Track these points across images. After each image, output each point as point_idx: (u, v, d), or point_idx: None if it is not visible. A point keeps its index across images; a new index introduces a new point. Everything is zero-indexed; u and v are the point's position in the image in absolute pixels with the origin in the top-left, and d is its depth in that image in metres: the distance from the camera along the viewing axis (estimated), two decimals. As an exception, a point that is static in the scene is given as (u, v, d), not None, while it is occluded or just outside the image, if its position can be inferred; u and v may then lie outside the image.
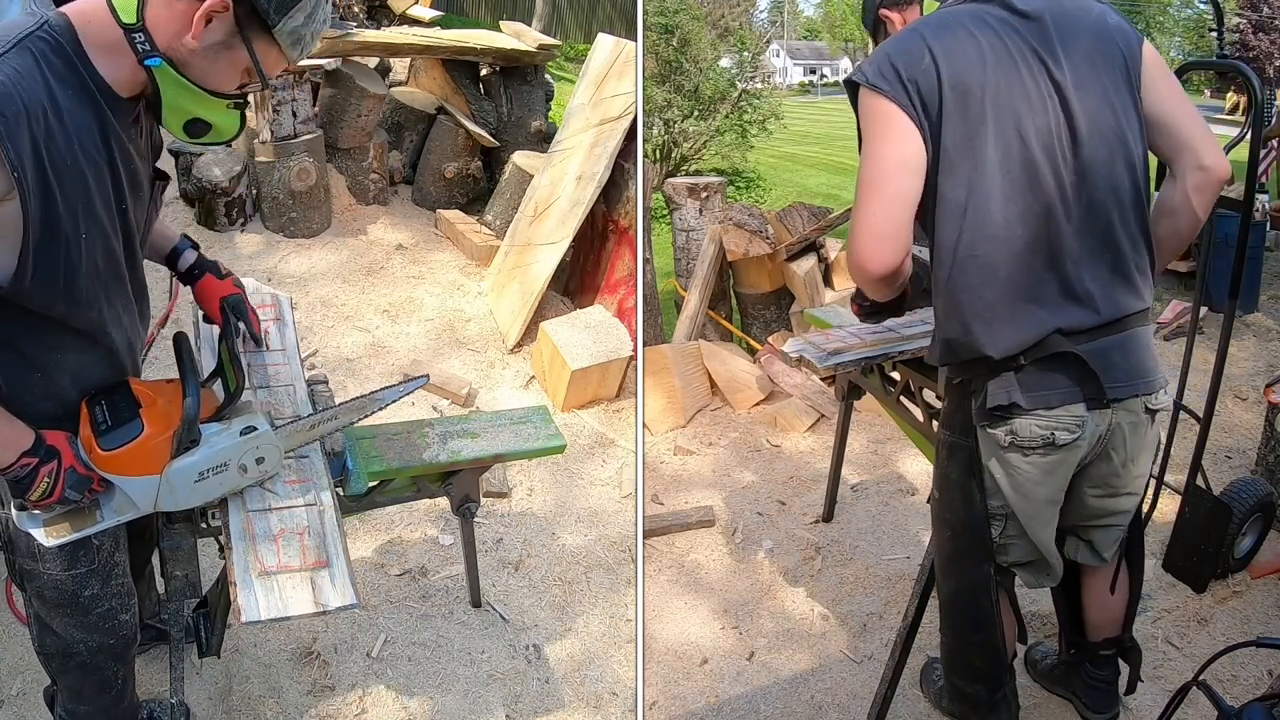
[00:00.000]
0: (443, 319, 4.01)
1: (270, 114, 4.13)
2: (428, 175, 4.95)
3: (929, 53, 1.44)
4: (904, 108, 1.44)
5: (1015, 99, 1.44)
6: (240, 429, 1.53)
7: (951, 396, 1.67)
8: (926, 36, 1.47)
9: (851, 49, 36.12)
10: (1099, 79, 1.47)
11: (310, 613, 1.44)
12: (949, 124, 1.43)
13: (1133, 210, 1.49)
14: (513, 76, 5.08)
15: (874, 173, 1.45)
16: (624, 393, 3.64)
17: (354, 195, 4.64)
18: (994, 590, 1.73)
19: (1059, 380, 1.48)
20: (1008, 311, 1.46)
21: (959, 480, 1.66)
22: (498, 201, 4.69)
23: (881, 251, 1.43)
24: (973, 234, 1.46)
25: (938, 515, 1.79)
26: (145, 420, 1.42)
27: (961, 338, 1.51)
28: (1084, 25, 1.49)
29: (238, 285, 1.83)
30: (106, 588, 1.56)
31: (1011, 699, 1.93)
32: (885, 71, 1.46)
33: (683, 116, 14.90)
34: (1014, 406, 1.49)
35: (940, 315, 1.55)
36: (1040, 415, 1.49)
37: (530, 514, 2.99)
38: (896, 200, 1.43)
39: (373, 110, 4.55)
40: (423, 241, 4.57)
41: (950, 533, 1.75)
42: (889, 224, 1.43)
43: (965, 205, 1.45)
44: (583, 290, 4.19)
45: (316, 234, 4.40)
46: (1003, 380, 1.49)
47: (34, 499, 1.36)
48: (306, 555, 1.51)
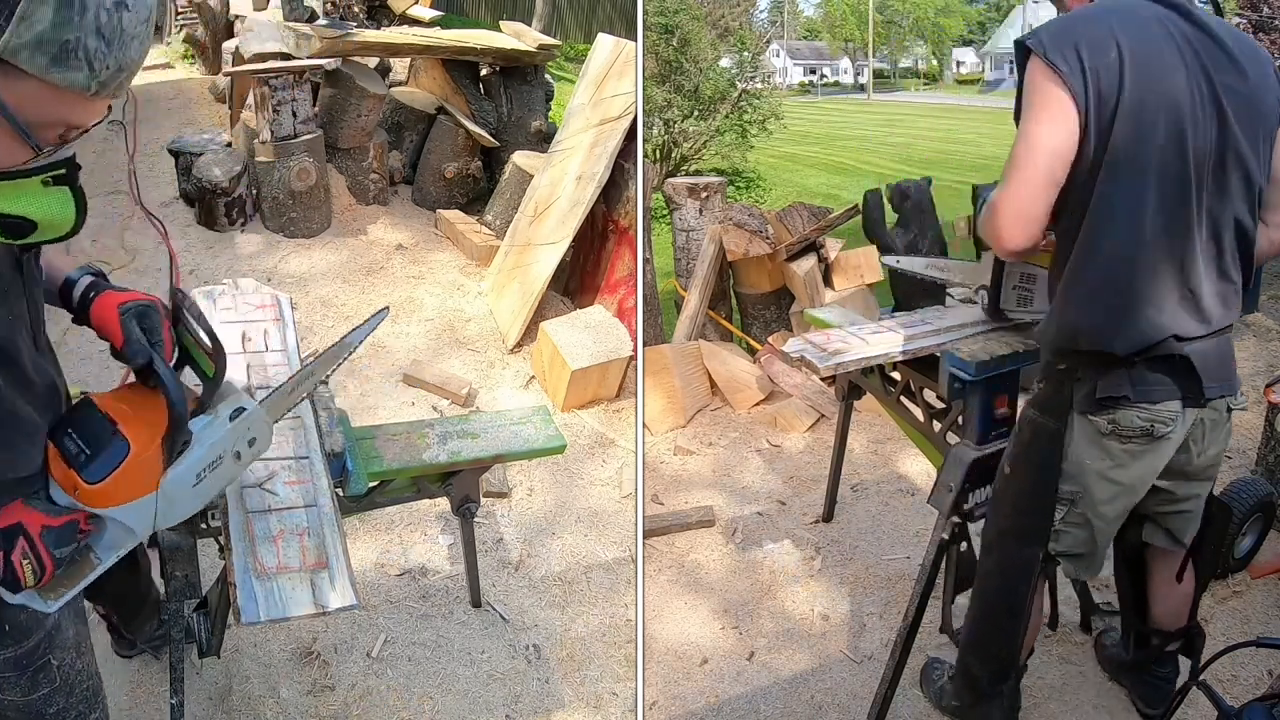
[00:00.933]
0: (443, 319, 4.01)
1: (270, 114, 4.13)
2: (428, 175, 4.95)
3: (1117, 48, 1.47)
4: (1074, 94, 1.47)
5: (1184, 116, 1.49)
6: (229, 414, 1.39)
7: (1050, 382, 1.71)
8: (1116, 30, 1.49)
9: (851, 49, 36.13)
10: (1253, 121, 1.55)
11: (310, 614, 1.44)
12: (1122, 126, 1.47)
13: (1246, 238, 1.60)
14: (513, 76, 5.08)
15: (1027, 154, 1.51)
16: (624, 393, 3.64)
17: (354, 195, 4.64)
18: (1035, 576, 1.81)
19: (1163, 379, 1.58)
20: (1137, 314, 1.54)
21: (1039, 461, 1.72)
22: (498, 201, 4.69)
23: (1019, 233, 1.52)
24: (1124, 237, 1.52)
25: (1003, 491, 1.83)
26: (128, 436, 1.25)
27: (1092, 331, 1.57)
28: (1255, 68, 1.55)
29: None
30: (71, 698, 1.39)
31: (1010, 696, 1.95)
32: (1067, 51, 1.47)
33: (683, 116, 14.90)
34: (1123, 399, 1.59)
35: (1070, 303, 1.60)
36: (1143, 408, 1.59)
37: (530, 514, 2.99)
38: (1043, 187, 1.50)
39: (373, 110, 4.55)
40: (423, 241, 4.57)
41: (1012, 509, 1.81)
42: (1031, 208, 1.51)
43: (1122, 208, 1.51)
44: (583, 290, 4.19)
45: (316, 234, 4.40)
46: (1115, 374, 1.58)
47: (32, 587, 1.19)
48: (306, 556, 1.51)
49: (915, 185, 4.74)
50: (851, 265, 4.13)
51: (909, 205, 4.72)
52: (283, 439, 1.76)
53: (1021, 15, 31.81)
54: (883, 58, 35.72)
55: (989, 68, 34.60)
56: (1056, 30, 1.52)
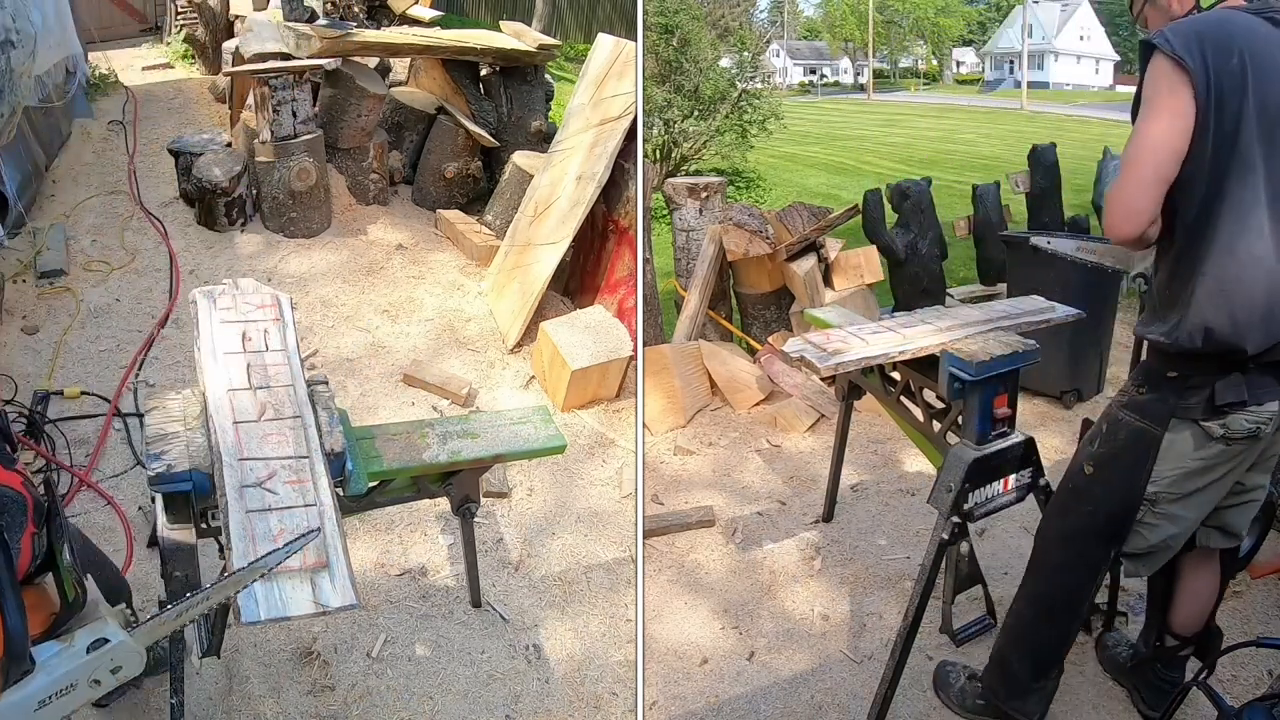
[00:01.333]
0: (443, 319, 4.01)
1: (270, 114, 4.13)
2: (428, 175, 4.95)
3: (1239, 55, 1.54)
4: (1198, 91, 1.52)
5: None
6: (86, 645, 1.22)
7: (1155, 388, 1.74)
8: (1237, 38, 1.55)
9: (851, 49, 36.10)
10: None
11: (310, 613, 1.44)
12: (1248, 130, 1.53)
13: None
14: (513, 76, 5.08)
15: (1144, 150, 1.56)
16: (624, 393, 3.64)
17: (354, 195, 4.64)
18: (1102, 574, 1.87)
19: (1270, 381, 1.65)
20: (1264, 313, 1.59)
21: (1132, 463, 1.76)
22: (498, 201, 4.69)
23: (1130, 225, 1.59)
24: (1255, 237, 1.57)
25: (1080, 490, 1.87)
26: None
27: (1226, 328, 1.61)
28: None
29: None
30: None
31: (1047, 695, 1.99)
32: (1193, 49, 1.53)
33: (683, 116, 14.90)
34: (1240, 404, 1.64)
35: (1202, 302, 1.62)
36: (1252, 411, 1.65)
37: (530, 514, 2.99)
38: (1152, 184, 1.56)
39: (373, 110, 4.55)
40: (423, 241, 4.57)
41: (1091, 509, 1.84)
42: (1144, 202, 1.57)
43: (1253, 209, 1.56)
44: (583, 290, 4.19)
45: (316, 234, 4.40)
46: (1232, 379, 1.64)
47: None
48: (306, 556, 1.51)
49: (915, 185, 4.75)
50: (851, 265, 4.13)
51: (909, 205, 4.72)
52: (283, 438, 1.76)
53: (1021, 15, 31.79)
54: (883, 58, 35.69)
55: (989, 68, 34.56)
56: (1180, 31, 1.57)
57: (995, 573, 2.70)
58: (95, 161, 4.86)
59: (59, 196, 4.47)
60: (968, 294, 5.09)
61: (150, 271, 4.01)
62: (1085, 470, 1.85)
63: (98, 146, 4.99)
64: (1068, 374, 3.78)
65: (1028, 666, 1.98)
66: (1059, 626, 1.94)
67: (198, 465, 1.67)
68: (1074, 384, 3.81)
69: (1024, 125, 22.14)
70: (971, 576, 2.43)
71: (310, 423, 1.82)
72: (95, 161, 4.86)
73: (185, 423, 1.78)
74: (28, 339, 3.49)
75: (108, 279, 3.92)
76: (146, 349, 3.53)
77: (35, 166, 4.43)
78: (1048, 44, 31.94)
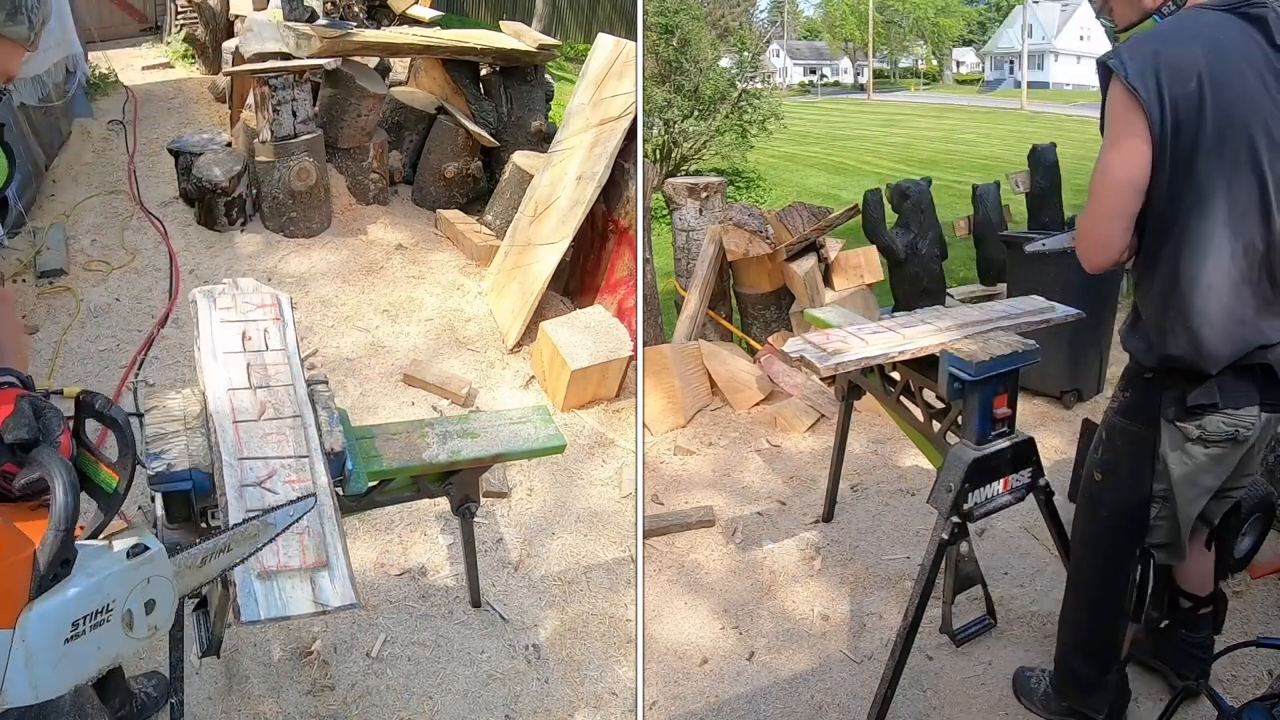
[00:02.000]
0: (442, 319, 4.01)
1: (270, 114, 4.13)
2: (428, 175, 4.95)
3: (1198, 78, 1.51)
4: (1151, 124, 1.52)
5: (1265, 146, 1.54)
6: (128, 549, 1.06)
7: (1137, 392, 1.80)
8: (1198, 57, 1.52)
9: (851, 49, 36.12)
10: None
11: (310, 613, 1.44)
12: (1205, 159, 1.53)
13: None
14: (513, 76, 5.08)
15: (1105, 185, 1.60)
16: (624, 393, 3.64)
17: (354, 195, 4.64)
18: (1133, 570, 1.93)
19: (1247, 386, 1.67)
20: (1225, 332, 1.63)
21: (1133, 466, 1.82)
22: (498, 201, 4.69)
23: (1101, 256, 1.66)
24: (1213, 264, 1.59)
25: (1095, 497, 1.92)
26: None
27: (1188, 354, 1.66)
28: None
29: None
30: None
31: (1115, 687, 2.05)
32: (1148, 78, 1.52)
33: (683, 116, 14.91)
34: (1211, 406, 1.67)
35: (1165, 331, 1.68)
36: (1228, 414, 1.68)
37: (530, 514, 2.99)
38: (1117, 217, 1.61)
39: (373, 110, 4.55)
40: (422, 241, 4.57)
41: (1109, 513, 1.91)
42: (1112, 235, 1.62)
43: (1212, 238, 1.57)
44: (583, 290, 4.19)
45: (316, 234, 4.40)
46: (1206, 385, 1.67)
47: None
48: (306, 555, 1.51)
49: (915, 185, 4.75)
50: (851, 265, 4.13)
51: (909, 205, 4.72)
52: (283, 438, 1.76)
53: (1021, 15, 31.80)
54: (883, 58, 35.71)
55: (989, 68, 34.58)
56: (1138, 53, 1.54)
57: (995, 573, 2.70)
58: (95, 161, 4.86)
59: (59, 196, 4.47)
60: (968, 294, 5.09)
61: (150, 271, 4.01)
62: (1095, 478, 1.91)
63: (98, 146, 4.99)
64: (1068, 374, 3.78)
65: (1089, 665, 2.05)
66: (1107, 624, 2.00)
67: (198, 465, 1.67)
68: (1074, 384, 3.81)
69: (1024, 125, 22.14)
70: (971, 576, 2.43)
71: (310, 422, 1.82)
72: (95, 161, 4.86)
73: (185, 422, 1.78)
74: (28, 338, 3.49)
75: (107, 278, 3.92)
76: (146, 349, 3.53)
77: (35, 166, 4.43)
78: (1048, 44, 31.95)
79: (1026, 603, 2.60)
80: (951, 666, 2.38)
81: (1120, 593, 1.96)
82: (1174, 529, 1.86)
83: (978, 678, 2.34)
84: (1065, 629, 2.11)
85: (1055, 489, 2.34)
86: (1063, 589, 2.38)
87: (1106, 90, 1.58)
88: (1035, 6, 31.75)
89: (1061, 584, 2.52)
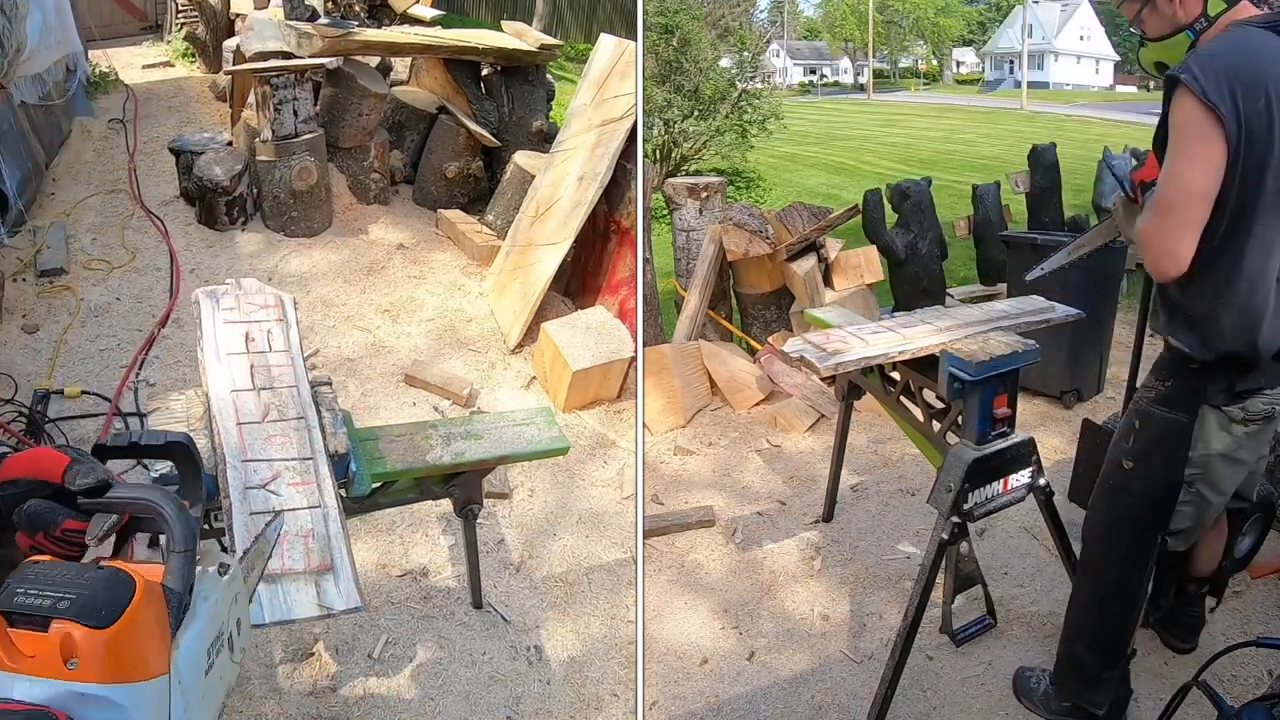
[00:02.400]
0: (443, 319, 4.01)
1: (271, 113, 4.13)
2: (429, 175, 4.95)
3: (1266, 95, 1.59)
4: (1229, 136, 1.59)
5: None
6: (215, 568, 1.04)
7: (1180, 382, 1.86)
8: (1267, 75, 1.60)
9: (851, 49, 36.09)
10: None
11: (314, 616, 1.44)
12: (1274, 172, 1.61)
13: None
14: (514, 76, 5.08)
15: (1178, 196, 1.64)
16: (625, 393, 3.64)
17: (355, 195, 4.64)
18: (1153, 560, 1.98)
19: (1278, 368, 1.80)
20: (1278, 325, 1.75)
21: (1168, 452, 1.88)
22: (499, 201, 4.69)
23: (1173, 266, 1.68)
24: (1272, 266, 1.68)
25: (1122, 485, 1.96)
26: (124, 569, 0.89)
27: (1245, 348, 1.76)
28: None
29: None
30: None
31: (1120, 682, 2.09)
32: (1224, 94, 1.58)
33: (683, 116, 14.89)
34: (1257, 389, 1.80)
35: (1221, 324, 1.75)
36: (1266, 394, 1.81)
37: (531, 515, 2.99)
38: (1192, 229, 1.65)
39: (374, 109, 4.55)
40: (423, 241, 4.57)
41: (1135, 501, 1.95)
42: (1183, 246, 1.66)
43: (1275, 243, 1.67)
44: (584, 291, 4.19)
45: (317, 233, 4.40)
46: (1255, 372, 1.79)
47: None
48: (311, 558, 1.51)
49: (915, 185, 4.75)
50: (851, 265, 4.13)
51: (909, 205, 4.72)
52: (287, 440, 1.76)
53: (1022, 15, 31.78)
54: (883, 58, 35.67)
55: (989, 68, 34.56)
56: (1211, 69, 1.60)
57: (995, 573, 2.71)
58: (95, 160, 4.86)
59: (59, 195, 4.47)
60: (968, 294, 5.10)
61: (150, 270, 4.01)
62: (1124, 465, 1.95)
63: (98, 145, 4.99)
64: (1068, 374, 3.79)
65: (1095, 658, 2.07)
66: (1119, 616, 2.03)
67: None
68: (1074, 384, 3.82)
69: (1024, 125, 22.13)
70: (971, 576, 2.44)
71: (314, 424, 1.82)
72: (95, 160, 4.86)
73: (189, 424, 1.78)
74: (28, 338, 3.49)
75: (108, 278, 3.92)
76: (147, 348, 3.53)
77: (35, 164, 4.43)
78: (1048, 44, 31.93)
79: (1026, 603, 2.61)
80: (951, 666, 2.39)
81: (1137, 583, 2.00)
82: (1197, 514, 1.94)
83: (978, 678, 2.35)
84: (1073, 620, 2.13)
85: (1055, 489, 2.35)
86: (1063, 589, 2.39)
87: (1170, 103, 1.65)
88: (1035, 6, 31.72)
89: (1062, 584, 2.54)
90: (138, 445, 1.09)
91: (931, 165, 15.48)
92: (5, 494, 0.98)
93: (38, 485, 0.99)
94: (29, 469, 1.01)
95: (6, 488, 0.98)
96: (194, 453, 1.09)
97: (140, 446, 1.09)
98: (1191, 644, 2.36)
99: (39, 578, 0.87)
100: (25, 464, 1.01)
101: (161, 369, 3.44)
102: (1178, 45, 1.77)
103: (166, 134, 5.04)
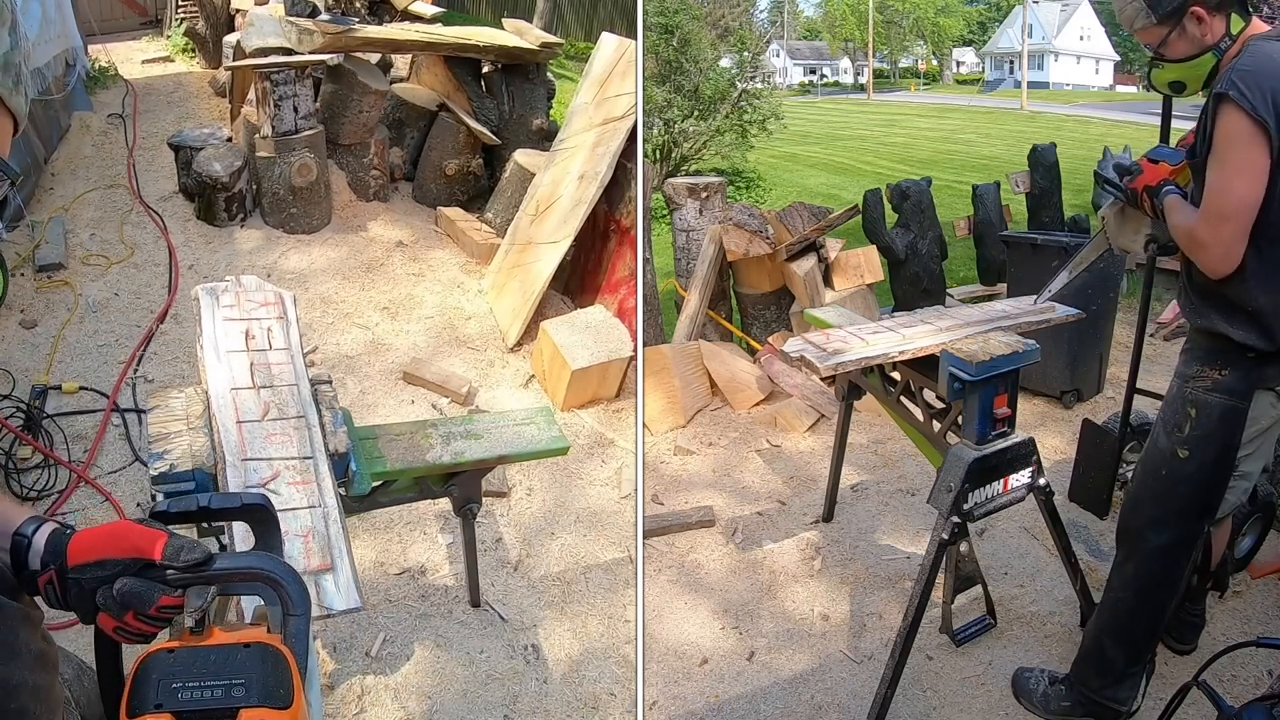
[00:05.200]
0: (443, 317, 4.00)
1: (271, 109, 4.12)
2: (429, 172, 4.95)
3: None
4: (1273, 147, 1.69)
5: None
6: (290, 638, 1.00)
7: (1238, 370, 1.93)
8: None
9: (851, 49, 36.10)
10: None
11: (314, 616, 1.43)
12: None
13: None
14: (515, 74, 5.07)
15: (1229, 205, 1.75)
16: (624, 393, 3.63)
17: (354, 191, 4.63)
18: (1197, 547, 2.03)
19: None
20: None
21: (1225, 438, 1.93)
22: (499, 199, 4.68)
23: (1228, 267, 1.80)
24: None
25: (1176, 474, 1.99)
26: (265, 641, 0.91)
27: None
28: None
29: None
30: None
31: (1142, 679, 2.12)
32: (1269, 109, 1.67)
33: (683, 116, 14.88)
34: None
35: (1267, 313, 1.83)
36: None
37: (529, 514, 2.99)
38: (1244, 235, 1.76)
39: (374, 106, 4.54)
40: (423, 239, 4.56)
41: (1188, 489, 1.98)
42: (1237, 250, 1.77)
43: None
44: (583, 290, 4.19)
45: (317, 230, 4.39)
46: None
47: None
48: (311, 558, 1.51)
49: (915, 185, 4.75)
50: (851, 265, 4.13)
51: (909, 205, 4.72)
52: (287, 438, 1.75)
53: (1021, 15, 31.79)
54: (883, 58, 35.68)
55: (989, 68, 34.58)
56: (1255, 86, 1.69)
57: (995, 573, 2.71)
58: (94, 155, 4.85)
59: (58, 190, 4.45)
60: (968, 294, 5.10)
61: (149, 266, 4.00)
62: (1179, 455, 1.97)
63: (97, 140, 4.98)
64: (1068, 374, 3.79)
65: (1123, 653, 2.09)
66: (1159, 606, 2.05)
67: (201, 465, 1.66)
68: (1074, 384, 3.82)
69: (1024, 125, 22.14)
70: (971, 576, 2.44)
71: (314, 423, 1.81)
72: (94, 155, 4.85)
73: (188, 422, 1.77)
74: (26, 333, 3.48)
75: (107, 273, 3.91)
76: (145, 344, 3.52)
77: (34, 159, 4.42)
78: (1048, 44, 31.95)
79: (1026, 603, 2.61)
80: (951, 666, 2.39)
81: (1181, 571, 2.03)
82: (1238, 495, 2.02)
83: (978, 678, 2.35)
84: (1105, 615, 2.14)
85: (1055, 489, 2.34)
86: (1063, 589, 2.39)
87: (1216, 118, 1.73)
88: (1035, 6, 31.73)
89: (1062, 584, 2.54)
90: (209, 510, 1.01)
91: (931, 165, 15.48)
92: (89, 576, 0.92)
93: (128, 564, 0.93)
94: (116, 548, 0.94)
95: (90, 570, 0.92)
96: (273, 513, 1.03)
97: (211, 510, 1.02)
98: (1191, 644, 2.38)
99: (185, 669, 0.86)
100: (109, 542, 0.94)
101: (159, 365, 3.44)
102: (1202, 65, 1.84)
103: (166, 129, 5.03)
